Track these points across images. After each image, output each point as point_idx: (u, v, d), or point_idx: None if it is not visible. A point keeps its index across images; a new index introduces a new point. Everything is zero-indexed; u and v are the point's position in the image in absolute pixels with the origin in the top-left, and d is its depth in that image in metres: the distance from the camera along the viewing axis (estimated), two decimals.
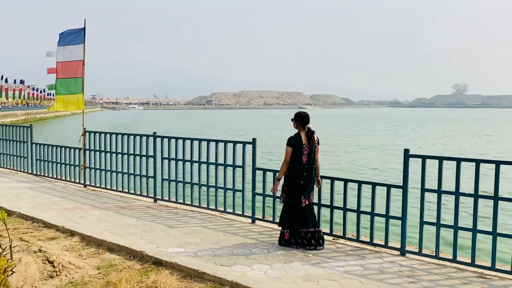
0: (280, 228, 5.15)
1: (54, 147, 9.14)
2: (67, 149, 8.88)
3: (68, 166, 8.87)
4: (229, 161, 6.32)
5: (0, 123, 10.96)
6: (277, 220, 5.82)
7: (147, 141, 7.39)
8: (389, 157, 21.86)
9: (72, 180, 8.83)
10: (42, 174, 9.47)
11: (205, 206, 6.67)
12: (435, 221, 4.61)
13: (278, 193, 5.30)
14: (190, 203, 6.80)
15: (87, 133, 8.45)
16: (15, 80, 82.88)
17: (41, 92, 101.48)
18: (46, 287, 3.44)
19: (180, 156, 6.96)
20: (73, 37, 8.37)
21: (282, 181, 5.13)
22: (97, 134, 8.25)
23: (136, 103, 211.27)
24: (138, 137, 7.54)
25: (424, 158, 4.69)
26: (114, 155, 8.00)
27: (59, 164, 9.06)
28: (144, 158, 7.45)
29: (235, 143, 6.26)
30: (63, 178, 8.98)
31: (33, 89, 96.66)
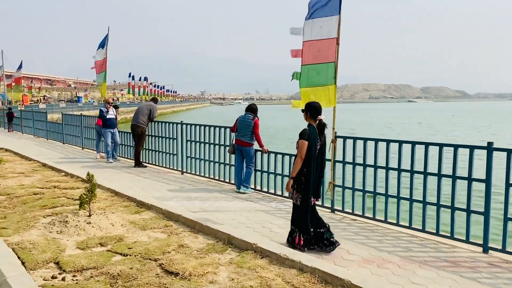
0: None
1: (280, 155, 6.99)
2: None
3: None
4: None
5: (195, 123, 9.26)
6: None
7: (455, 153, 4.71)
8: None
9: None
10: (259, 188, 7.42)
11: None
12: None
13: None
14: None
15: (337, 139, 6.11)
16: (140, 78, 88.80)
17: (161, 88, 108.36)
18: None
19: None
20: (322, 6, 6.02)
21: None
22: (358, 141, 5.86)
23: (241, 99, 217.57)
24: (433, 147, 4.91)
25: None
26: (392, 172, 5.50)
27: (284, 178, 6.89)
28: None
29: None
30: None
31: (155, 86, 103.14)
